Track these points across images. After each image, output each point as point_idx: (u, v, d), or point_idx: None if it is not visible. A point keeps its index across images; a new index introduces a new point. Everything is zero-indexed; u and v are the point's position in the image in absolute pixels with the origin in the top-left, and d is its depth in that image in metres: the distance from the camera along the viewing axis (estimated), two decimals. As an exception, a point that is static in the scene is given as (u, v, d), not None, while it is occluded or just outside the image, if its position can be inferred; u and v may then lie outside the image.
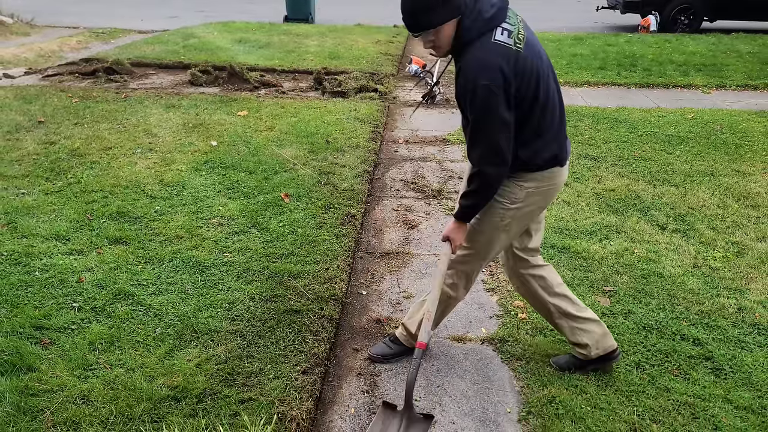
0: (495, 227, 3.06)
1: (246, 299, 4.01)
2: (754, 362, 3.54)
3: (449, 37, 2.75)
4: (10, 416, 3.00)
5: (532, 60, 2.77)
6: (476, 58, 2.69)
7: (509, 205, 3.00)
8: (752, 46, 12.34)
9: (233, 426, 2.97)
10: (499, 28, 2.71)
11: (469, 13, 2.70)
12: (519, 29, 2.78)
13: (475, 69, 2.69)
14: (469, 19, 2.69)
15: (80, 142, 6.63)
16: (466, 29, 2.70)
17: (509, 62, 2.69)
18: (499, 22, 2.72)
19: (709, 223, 5.15)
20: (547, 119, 2.90)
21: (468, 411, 3.21)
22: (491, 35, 2.69)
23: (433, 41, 2.76)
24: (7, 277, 4.14)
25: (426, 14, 2.67)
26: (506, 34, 2.72)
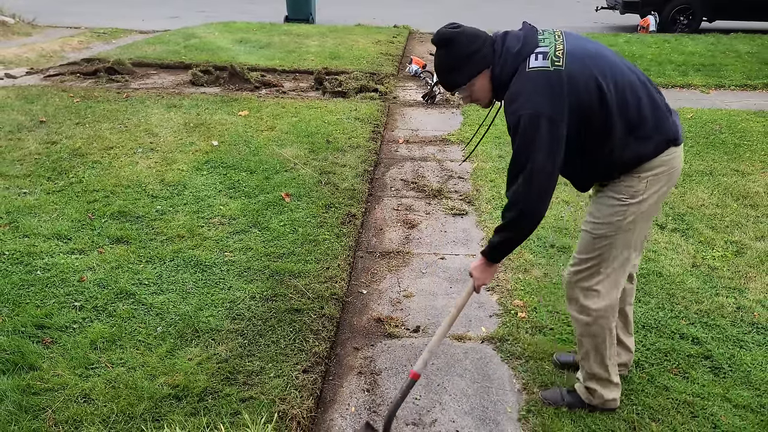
0: (617, 229, 2.79)
1: (247, 298, 4.02)
2: (753, 361, 3.56)
3: (485, 87, 2.72)
4: (11, 415, 3.01)
5: (580, 70, 2.57)
6: (516, 92, 2.58)
7: (630, 200, 2.74)
8: (751, 46, 12.34)
9: (234, 424, 2.98)
10: (532, 55, 2.59)
11: (498, 56, 2.64)
12: (556, 46, 2.60)
13: (516, 102, 2.57)
14: (500, 61, 2.64)
15: (82, 141, 6.64)
16: (501, 72, 2.64)
17: (553, 85, 2.53)
18: (532, 50, 2.60)
19: (708, 222, 5.16)
20: (633, 112, 2.66)
21: (468, 410, 3.22)
22: (525, 65, 2.58)
23: (470, 96, 2.76)
24: (8, 277, 4.15)
25: (452, 74, 2.70)
26: (541, 57, 2.57)
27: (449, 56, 2.67)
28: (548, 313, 3.97)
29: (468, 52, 2.64)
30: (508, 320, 3.91)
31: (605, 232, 2.81)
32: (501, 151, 6.77)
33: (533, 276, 4.37)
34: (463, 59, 2.64)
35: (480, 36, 2.66)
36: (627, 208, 2.76)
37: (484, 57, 2.64)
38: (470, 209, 5.47)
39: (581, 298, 2.92)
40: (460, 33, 2.66)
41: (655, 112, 2.72)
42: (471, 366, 3.54)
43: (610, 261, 2.85)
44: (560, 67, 2.55)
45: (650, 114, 2.70)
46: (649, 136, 2.70)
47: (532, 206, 2.65)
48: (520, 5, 20.37)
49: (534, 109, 2.51)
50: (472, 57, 2.63)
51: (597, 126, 2.63)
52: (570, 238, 4.86)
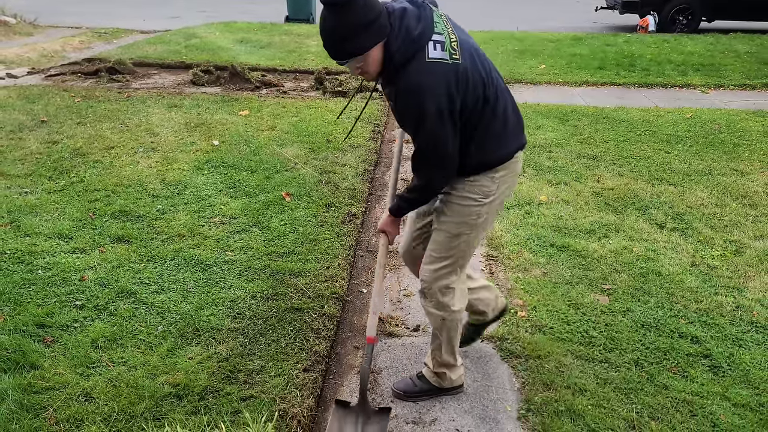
0: (473, 227, 2.91)
1: (247, 297, 4.03)
2: (752, 360, 3.56)
3: (377, 61, 2.56)
4: (13, 414, 3.02)
5: (472, 68, 2.64)
6: (417, 84, 2.53)
7: (484, 200, 2.87)
8: (750, 46, 12.33)
9: (235, 423, 2.99)
10: (430, 43, 2.55)
11: (396, 33, 2.52)
12: (449, 35, 2.63)
13: (418, 95, 2.54)
14: (398, 41, 2.52)
15: (83, 141, 6.66)
16: (397, 51, 2.52)
17: (451, 81, 2.56)
18: (429, 37, 2.56)
19: (707, 221, 5.17)
20: (500, 114, 2.77)
21: (468, 408, 3.23)
22: (425, 54, 2.53)
23: (361, 67, 2.59)
24: (10, 276, 4.16)
25: (351, 41, 2.48)
26: (439, 48, 2.56)
27: (347, 21, 2.44)
28: (548, 311, 3.98)
29: (367, 20, 2.45)
30: (507, 319, 3.91)
31: (463, 231, 2.91)
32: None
33: (533, 275, 4.38)
34: (362, 27, 2.45)
35: (376, 4, 2.49)
36: (482, 207, 2.88)
37: (381, 28, 2.49)
38: (470, 209, 5.47)
39: (439, 295, 3.01)
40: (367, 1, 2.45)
41: (516, 116, 2.90)
42: (471, 365, 3.55)
43: (465, 258, 3.00)
44: (458, 60, 2.59)
45: (513, 118, 2.87)
46: (510, 140, 2.85)
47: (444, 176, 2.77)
48: (520, 5, 20.37)
49: (438, 106, 2.54)
50: (370, 26, 2.46)
51: (473, 123, 2.72)
52: (570, 237, 4.87)
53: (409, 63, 2.53)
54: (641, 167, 6.33)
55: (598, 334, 3.76)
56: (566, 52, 11.93)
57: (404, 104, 2.60)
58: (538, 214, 5.24)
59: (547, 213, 5.26)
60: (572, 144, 7.00)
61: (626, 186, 5.83)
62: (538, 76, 10.42)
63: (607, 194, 5.65)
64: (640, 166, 6.37)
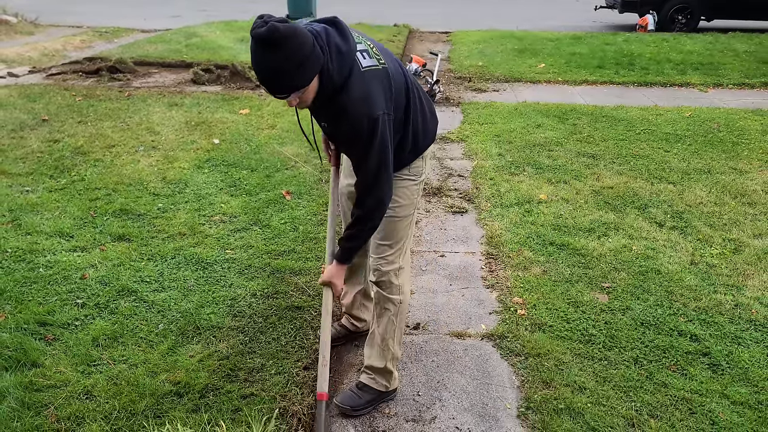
0: (413, 205, 3.06)
1: (248, 296, 4.04)
2: (751, 358, 3.58)
3: (314, 89, 2.51)
4: (14, 411, 3.03)
5: (393, 68, 2.73)
6: (361, 95, 2.53)
7: (419, 177, 3.03)
8: (749, 45, 12.34)
9: (235, 421, 3.00)
10: (358, 54, 2.57)
11: (329, 56, 2.46)
12: (366, 43, 2.68)
13: (364, 106, 2.53)
14: (333, 62, 2.47)
15: (84, 140, 6.67)
16: (335, 72, 2.48)
17: (386, 85, 2.61)
18: (356, 48, 2.57)
19: (706, 220, 5.18)
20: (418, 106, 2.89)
21: (468, 406, 3.24)
22: (358, 65, 2.55)
23: (301, 98, 2.50)
24: (11, 274, 4.18)
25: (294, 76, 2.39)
26: (367, 56, 2.60)
27: (287, 56, 2.34)
28: (547, 310, 3.99)
29: (305, 52, 2.36)
30: (507, 317, 3.93)
31: (407, 213, 3.04)
32: (501, 149, 6.78)
33: (532, 273, 4.39)
34: (302, 60, 2.36)
35: (306, 33, 2.40)
36: (418, 185, 3.05)
37: (318, 57, 2.41)
38: (470, 207, 5.49)
39: (393, 278, 3.09)
40: (297, 30, 2.35)
41: (427, 99, 3.04)
42: (471, 363, 3.56)
43: (409, 237, 3.13)
44: (385, 65, 2.67)
45: (428, 104, 3.03)
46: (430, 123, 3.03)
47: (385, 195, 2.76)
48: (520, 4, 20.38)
49: (382, 111, 2.58)
50: (309, 57, 2.38)
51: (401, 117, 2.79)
52: (569, 235, 4.88)
53: (348, 79, 2.53)
54: (640, 166, 6.34)
55: (598, 332, 3.78)
56: (566, 51, 11.94)
57: (353, 118, 2.56)
58: (538, 213, 5.25)
59: (547, 211, 5.27)
60: (572, 143, 7.01)
61: (625, 185, 5.84)
62: (537, 74, 10.43)
63: (607, 193, 5.66)
64: (639, 164, 6.38)
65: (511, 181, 5.92)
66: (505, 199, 5.54)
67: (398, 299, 3.13)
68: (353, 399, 3.20)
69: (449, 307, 4.07)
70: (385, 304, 3.14)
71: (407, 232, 3.10)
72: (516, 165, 6.33)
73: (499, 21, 15.97)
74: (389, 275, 3.08)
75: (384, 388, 3.24)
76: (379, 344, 3.19)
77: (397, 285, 3.11)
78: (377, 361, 3.20)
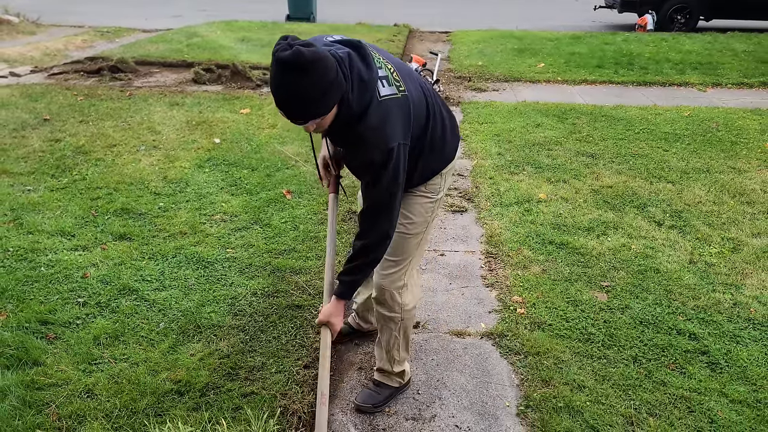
0: (427, 223, 2.98)
1: (248, 294, 4.06)
2: (749, 356, 3.59)
3: (333, 115, 2.42)
4: (16, 410, 3.04)
5: (415, 92, 2.67)
6: (377, 127, 2.47)
7: (436, 196, 2.96)
8: (747, 44, 12.34)
9: (236, 420, 3.01)
10: (379, 82, 2.50)
11: (351, 86, 2.39)
12: (387, 66, 2.61)
13: (380, 136, 2.48)
14: (354, 90, 2.40)
15: (85, 139, 6.68)
16: (355, 101, 2.42)
17: (405, 113, 2.56)
18: (377, 75, 2.50)
19: (705, 219, 5.19)
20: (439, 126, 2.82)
21: (467, 405, 3.25)
22: (377, 94, 2.48)
23: (318, 123, 2.41)
24: (13, 273, 4.19)
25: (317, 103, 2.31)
26: (386, 83, 2.53)
27: (313, 83, 2.25)
28: (547, 309, 4.01)
29: (329, 79, 2.27)
30: (507, 316, 3.94)
31: (419, 230, 2.96)
32: (500, 148, 6.79)
33: (532, 272, 4.41)
34: (327, 88, 2.28)
35: (331, 60, 2.30)
36: (434, 203, 2.97)
37: (341, 85, 2.33)
38: (470, 206, 5.50)
39: (397, 297, 3.03)
40: (322, 56, 2.25)
41: (449, 114, 2.96)
42: (470, 361, 3.57)
43: (418, 256, 3.05)
44: (404, 92, 2.59)
45: (449, 120, 2.94)
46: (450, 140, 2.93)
47: (390, 228, 2.71)
48: (519, 4, 20.37)
49: (398, 141, 2.52)
50: (333, 85, 2.29)
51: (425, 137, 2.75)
52: (568, 234, 4.89)
53: (368, 108, 2.46)
54: (639, 165, 6.35)
55: (597, 331, 3.79)
56: (565, 50, 11.94)
57: (368, 147, 2.52)
58: (537, 212, 5.27)
59: (546, 211, 5.28)
60: (571, 142, 7.02)
61: (625, 184, 5.85)
62: (537, 74, 10.44)
63: (606, 192, 5.68)
64: (638, 164, 6.39)
65: (511, 181, 5.93)
66: (504, 198, 5.55)
67: (399, 317, 3.08)
68: (373, 397, 3.23)
69: (449, 306, 4.09)
70: (386, 322, 3.12)
71: (416, 251, 3.01)
72: (515, 164, 6.35)
73: (498, 21, 15.97)
74: (392, 293, 3.01)
75: (398, 384, 3.29)
76: (385, 354, 3.21)
77: (400, 303, 3.04)
78: (387, 365, 3.23)
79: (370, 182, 2.61)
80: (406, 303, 3.06)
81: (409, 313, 3.11)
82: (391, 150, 2.49)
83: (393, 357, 3.20)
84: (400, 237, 2.91)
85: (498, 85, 9.97)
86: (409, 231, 2.93)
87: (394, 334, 3.13)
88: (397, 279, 2.99)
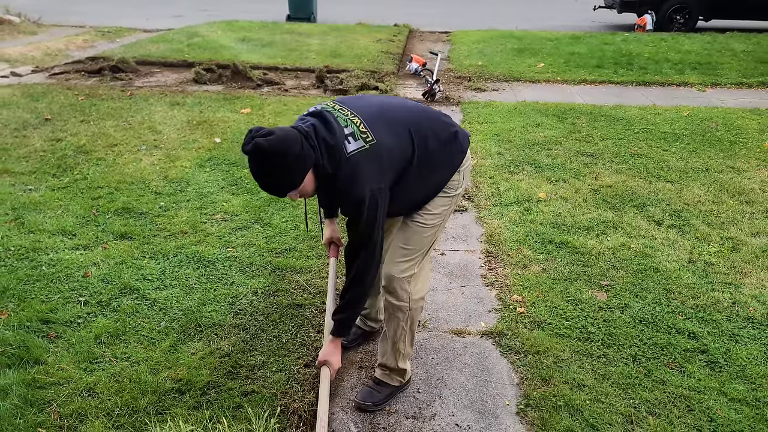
0: (444, 218, 3.11)
1: (249, 293, 4.07)
2: (748, 355, 3.60)
3: (311, 182, 2.72)
4: (17, 408, 3.05)
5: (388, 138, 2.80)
6: (349, 180, 2.70)
7: (454, 192, 3.07)
8: (746, 45, 12.34)
9: (237, 418, 3.02)
10: (345, 141, 2.71)
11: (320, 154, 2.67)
12: (352, 120, 2.79)
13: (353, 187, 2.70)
14: (323, 157, 2.67)
15: (86, 139, 6.69)
16: (327, 164, 2.68)
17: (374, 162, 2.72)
18: (342, 135, 2.72)
19: (704, 218, 5.20)
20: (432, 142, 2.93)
21: (467, 403, 3.26)
22: (344, 153, 2.69)
23: (300, 191, 2.72)
24: (14, 272, 4.20)
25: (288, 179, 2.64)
26: (352, 140, 2.72)
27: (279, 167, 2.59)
28: (547, 307, 4.02)
29: (295, 156, 2.59)
30: (506, 315, 3.95)
31: (436, 223, 3.07)
32: (500, 148, 6.80)
33: (532, 272, 4.42)
34: (293, 163, 2.60)
35: (296, 136, 2.64)
36: (452, 199, 3.09)
37: (308, 156, 2.63)
38: (470, 206, 5.51)
39: (406, 285, 3.10)
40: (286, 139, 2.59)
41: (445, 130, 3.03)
42: (470, 360, 3.58)
43: (430, 248, 3.15)
44: (372, 141, 2.75)
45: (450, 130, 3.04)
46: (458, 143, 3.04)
47: (374, 273, 2.92)
48: (519, 4, 20.38)
49: (371, 189, 2.71)
50: (299, 162, 2.61)
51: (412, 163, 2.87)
52: (568, 234, 4.90)
53: (338, 166, 2.69)
54: (639, 165, 6.36)
55: (597, 330, 3.80)
56: (565, 50, 11.95)
57: (345, 198, 2.76)
58: (537, 211, 5.28)
59: (546, 210, 5.29)
60: (571, 141, 7.03)
61: (624, 183, 5.86)
62: (536, 74, 10.44)
63: (605, 191, 5.69)
64: (637, 163, 6.40)
65: (511, 180, 5.95)
66: (504, 198, 5.56)
67: (407, 306, 3.12)
68: (373, 395, 3.25)
69: (449, 305, 4.10)
70: (394, 311, 3.14)
71: (428, 243, 3.11)
72: (515, 164, 6.36)
73: (498, 21, 15.97)
74: (401, 282, 3.07)
75: (399, 383, 3.30)
76: (390, 346, 3.23)
77: (408, 292, 3.10)
78: (390, 360, 3.25)
79: (353, 221, 2.82)
80: (414, 292, 3.12)
81: (417, 303, 3.16)
82: (362, 197, 2.70)
83: (398, 350, 3.22)
84: (415, 228, 3.05)
85: (498, 84, 9.98)
86: (426, 222, 3.04)
87: (402, 325, 3.15)
88: (407, 269, 3.07)
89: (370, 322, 3.71)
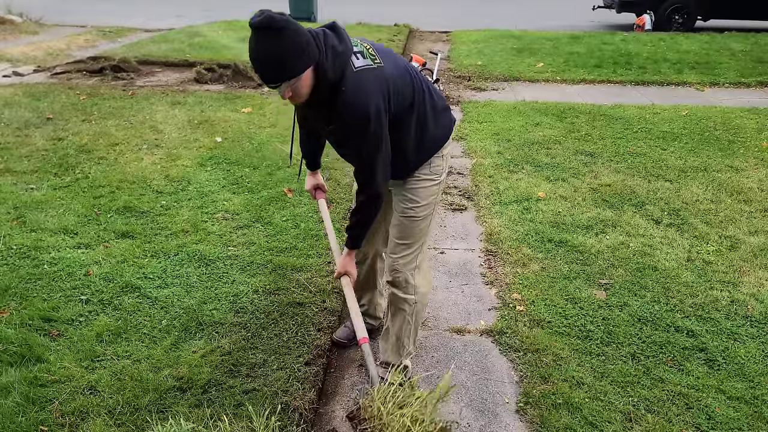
0: (433, 205, 3.12)
1: (250, 292, 4.08)
2: (747, 353, 3.62)
3: (308, 83, 2.57)
4: (19, 406, 3.06)
5: (395, 70, 2.80)
6: (353, 91, 2.62)
7: (438, 178, 3.09)
8: (744, 44, 12.33)
9: (237, 416, 3.03)
10: (353, 56, 2.67)
11: (325, 54, 2.56)
12: (364, 45, 2.78)
13: (356, 99, 2.62)
14: (328, 60, 2.56)
15: (88, 138, 6.71)
16: (330, 69, 2.57)
17: (381, 82, 2.69)
18: (351, 50, 2.67)
19: (702, 217, 5.22)
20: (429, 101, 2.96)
21: (467, 401, 3.28)
22: (351, 66, 2.64)
23: (293, 90, 2.56)
24: (16, 271, 4.22)
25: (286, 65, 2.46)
26: (361, 57, 2.70)
27: (282, 45, 2.43)
28: (546, 306, 4.03)
29: (299, 44, 2.45)
30: (506, 313, 3.97)
31: (427, 213, 3.10)
32: (500, 147, 6.82)
33: (531, 270, 4.43)
34: (296, 50, 2.45)
35: (304, 30, 2.52)
36: (438, 185, 3.11)
37: (312, 51, 2.50)
38: (469, 204, 5.53)
39: (410, 278, 3.14)
40: (292, 21, 2.47)
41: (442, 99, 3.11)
42: (470, 358, 3.60)
43: (427, 237, 3.19)
44: (380, 64, 2.75)
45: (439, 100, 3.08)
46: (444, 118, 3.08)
47: (381, 188, 2.86)
48: (519, 4, 20.37)
49: (376, 105, 2.65)
50: (305, 48, 2.47)
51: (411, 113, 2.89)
52: (567, 232, 4.92)
53: (343, 77, 2.61)
54: (638, 164, 6.37)
55: (596, 328, 3.82)
56: (564, 50, 11.95)
57: (346, 111, 2.65)
58: (536, 210, 5.29)
59: (545, 209, 5.31)
60: (570, 141, 7.04)
61: (623, 182, 5.88)
62: (536, 74, 10.45)
63: (604, 190, 5.70)
64: (636, 162, 6.42)
65: (510, 179, 5.96)
66: (504, 197, 5.58)
67: (413, 299, 3.17)
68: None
69: (449, 304, 4.12)
70: (400, 304, 3.17)
71: (425, 232, 3.15)
72: (515, 163, 6.37)
73: (498, 21, 15.96)
74: (406, 275, 3.12)
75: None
76: (393, 342, 3.26)
77: (413, 285, 3.15)
78: (393, 357, 3.28)
79: (355, 147, 2.77)
80: (419, 285, 3.16)
81: (423, 297, 3.21)
82: (368, 111, 2.63)
83: (402, 345, 3.25)
84: (409, 221, 3.08)
85: (497, 84, 9.98)
86: (417, 215, 3.07)
87: (407, 319, 3.19)
88: (410, 261, 3.12)
89: (369, 320, 3.72)
